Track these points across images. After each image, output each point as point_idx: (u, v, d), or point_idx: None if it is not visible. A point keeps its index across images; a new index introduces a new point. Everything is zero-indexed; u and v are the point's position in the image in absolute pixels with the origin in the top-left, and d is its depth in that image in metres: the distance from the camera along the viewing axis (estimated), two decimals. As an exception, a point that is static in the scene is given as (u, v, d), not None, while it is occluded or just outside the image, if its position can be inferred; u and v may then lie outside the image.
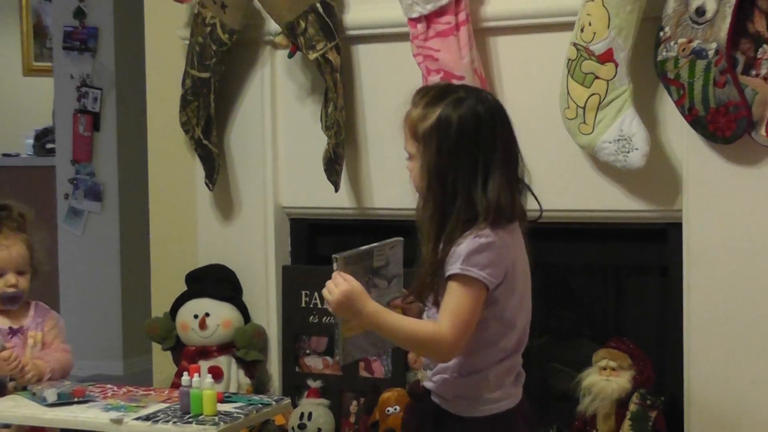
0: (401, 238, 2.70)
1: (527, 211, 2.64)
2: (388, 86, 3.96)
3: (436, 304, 2.56)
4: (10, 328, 3.45)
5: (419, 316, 2.67)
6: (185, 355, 4.17)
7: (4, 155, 7.98)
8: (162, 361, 4.41)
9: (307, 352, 4.19)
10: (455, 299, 2.51)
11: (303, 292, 4.13)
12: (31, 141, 7.84)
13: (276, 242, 4.21)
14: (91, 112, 6.38)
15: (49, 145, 7.40)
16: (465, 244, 2.51)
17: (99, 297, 6.42)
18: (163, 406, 3.14)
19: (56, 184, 6.53)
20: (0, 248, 3.43)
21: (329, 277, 2.54)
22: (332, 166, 3.92)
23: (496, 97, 2.67)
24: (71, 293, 6.48)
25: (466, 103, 2.56)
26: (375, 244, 2.66)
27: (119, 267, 6.39)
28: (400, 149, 3.87)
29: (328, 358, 4.13)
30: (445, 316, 2.51)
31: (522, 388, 2.66)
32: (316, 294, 4.05)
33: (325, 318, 4.06)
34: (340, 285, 2.53)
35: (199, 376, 3.09)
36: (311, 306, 4.10)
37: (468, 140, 2.54)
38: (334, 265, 2.56)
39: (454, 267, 2.51)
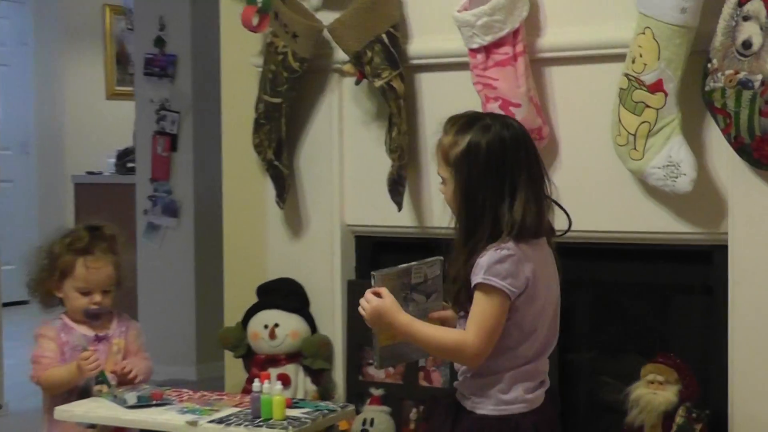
0: (441, 257, 2.75)
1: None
2: (449, 112, 3.91)
3: (468, 313, 2.63)
4: (96, 335, 3.47)
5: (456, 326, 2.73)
6: (255, 362, 4.19)
7: (88, 173, 8.08)
8: (234, 367, 4.43)
9: (370, 361, 4.18)
10: (479, 308, 2.58)
11: (367, 305, 4.13)
12: (113, 160, 7.92)
13: (342, 258, 4.23)
14: (169, 133, 6.42)
15: (130, 164, 7.46)
16: (487, 256, 2.58)
17: (175, 306, 6.47)
18: (235, 410, 3.15)
19: (136, 200, 6.58)
20: (90, 270, 3.43)
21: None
22: (395, 187, 3.93)
23: (520, 123, 2.72)
24: (149, 302, 6.52)
25: (492, 130, 2.63)
26: (414, 263, 2.74)
27: (194, 279, 6.43)
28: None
29: (389, 368, 4.13)
30: (471, 324, 2.59)
31: (545, 395, 2.70)
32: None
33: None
34: (371, 301, 2.64)
35: (269, 382, 3.11)
36: (374, 318, 4.10)
37: (495, 164, 2.61)
38: (372, 281, 2.65)
39: (477, 277, 2.58)
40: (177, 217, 6.46)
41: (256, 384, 3.11)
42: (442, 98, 3.98)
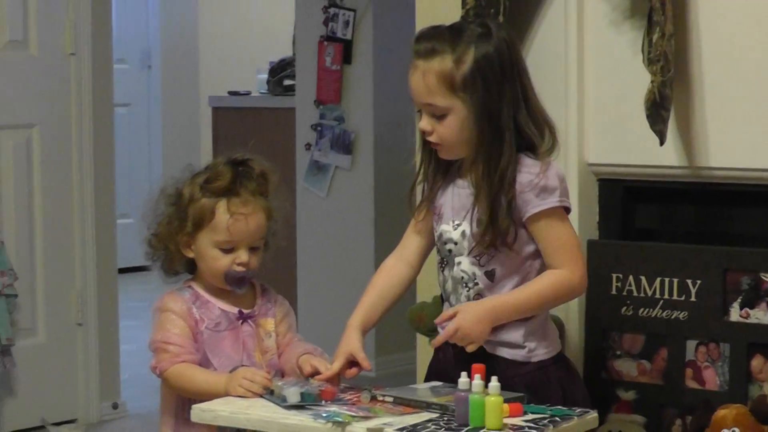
0: None
1: None
2: (736, 7, 3.94)
3: (505, 245, 3.24)
4: (240, 312, 3.51)
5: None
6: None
7: (231, 94, 8.20)
8: (428, 359, 4.48)
9: (618, 353, 4.17)
10: (561, 234, 3.25)
11: (614, 276, 4.11)
12: (264, 76, 8.02)
13: (579, 210, 4.20)
14: (341, 39, 6.51)
15: (287, 82, 7.57)
16: (552, 174, 3.23)
17: (347, 276, 6.58)
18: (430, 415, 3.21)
19: (296, 130, 6.70)
20: (236, 218, 3.42)
21: (649, 256, 3.58)
22: (657, 111, 3.90)
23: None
24: (311, 272, 6.67)
25: (493, 34, 3.23)
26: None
27: (373, 238, 6.56)
28: (747, 91, 3.89)
29: (644, 362, 4.12)
30: (562, 255, 3.25)
31: None
32: (631, 278, 4.04)
33: (642, 310, 4.05)
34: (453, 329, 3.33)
35: (482, 378, 3.14)
36: (625, 293, 4.09)
37: (510, 69, 3.22)
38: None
39: (548, 201, 3.22)
40: (350, 155, 6.55)
41: (463, 380, 3.16)
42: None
